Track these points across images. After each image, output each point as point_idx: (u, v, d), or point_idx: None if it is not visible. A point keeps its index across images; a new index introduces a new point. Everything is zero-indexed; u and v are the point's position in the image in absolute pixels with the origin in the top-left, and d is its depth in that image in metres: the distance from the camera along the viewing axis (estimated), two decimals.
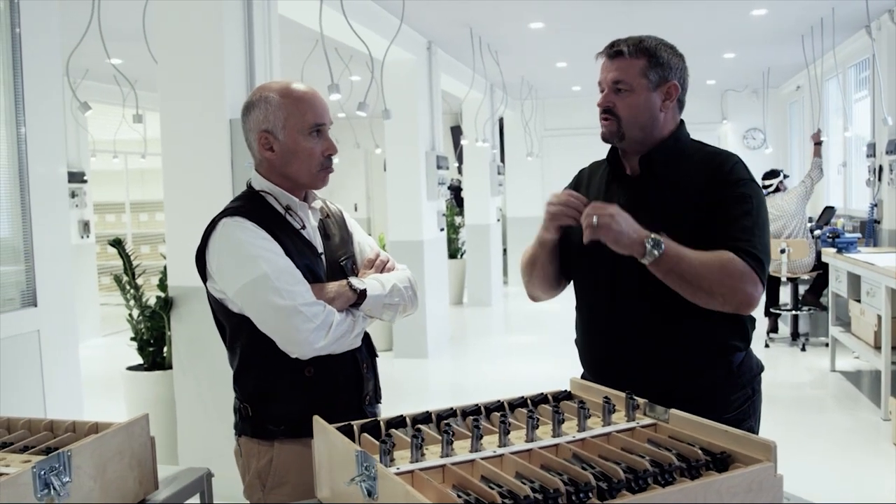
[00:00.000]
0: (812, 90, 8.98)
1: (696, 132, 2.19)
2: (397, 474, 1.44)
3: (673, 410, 1.73)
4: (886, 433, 4.98)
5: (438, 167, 8.03)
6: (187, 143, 4.11)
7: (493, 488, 1.41)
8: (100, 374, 6.67)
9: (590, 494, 1.39)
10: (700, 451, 1.54)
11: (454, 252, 11.42)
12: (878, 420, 5.30)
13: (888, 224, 7.09)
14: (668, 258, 1.91)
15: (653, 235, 1.92)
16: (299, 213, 2.06)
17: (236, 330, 2.01)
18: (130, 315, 4.66)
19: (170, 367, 4.44)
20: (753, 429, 2.04)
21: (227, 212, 2.00)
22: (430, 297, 7.74)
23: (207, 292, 2.05)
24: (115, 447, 1.71)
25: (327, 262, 2.10)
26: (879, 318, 5.43)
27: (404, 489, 1.34)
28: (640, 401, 1.80)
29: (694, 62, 2.15)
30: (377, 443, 1.67)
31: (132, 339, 4.66)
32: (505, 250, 12.95)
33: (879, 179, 7.20)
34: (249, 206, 2.02)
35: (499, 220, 11.74)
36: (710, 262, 1.93)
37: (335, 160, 2.12)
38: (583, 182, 2.33)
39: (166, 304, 4.16)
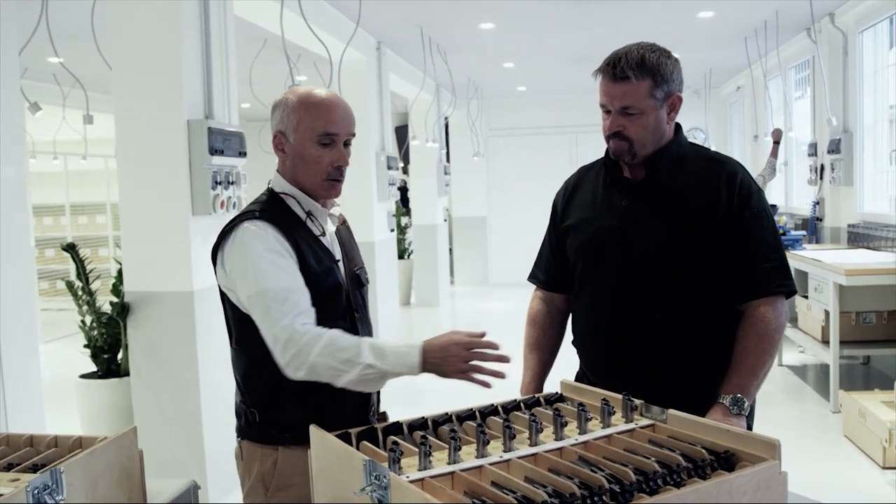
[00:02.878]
0: (756, 90, 9.18)
1: None
2: (409, 482, 1.42)
3: (671, 411, 1.74)
4: (836, 425, 5.11)
5: (389, 168, 8.00)
6: (143, 145, 4.00)
7: (506, 494, 1.40)
8: (45, 382, 6.47)
9: (604, 497, 1.39)
10: (704, 451, 1.55)
11: (401, 252, 11.40)
12: (828, 413, 5.43)
13: (830, 221, 7.29)
14: (752, 393, 2.01)
15: (729, 400, 1.98)
16: (319, 219, 2.05)
17: (245, 332, 1.94)
18: (83, 321, 4.53)
19: (125, 375, 4.34)
20: (751, 427, 2.07)
21: (250, 214, 1.97)
22: (381, 298, 7.71)
23: (220, 289, 2.02)
24: (106, 462, 1.66)
25: (345, 270, 2.09)
26: (827, 313, 5.57)
27: (422, 497, 1.32)
28: (637, 402, 1.81)
29: None
30: (378, 450, 1.66)
31: (85, 346, 4.52)
32: (451, 250, 12.96)
33: (821, 178, 7.39)
34: (272, 210, 1.99)
35: (445, 221, 11.74)
36: (761, 348, 2.03)
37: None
38: (569, 191, 2.35)
39: (123, 309, 4.05)
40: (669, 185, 2.13)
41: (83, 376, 4.53)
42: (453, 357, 1.73)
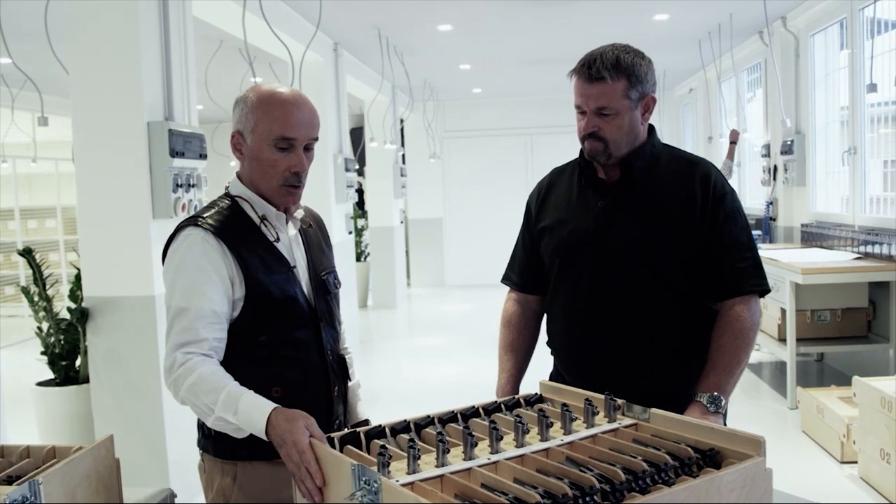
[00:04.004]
0: (710, 92, 9.31)
1: None
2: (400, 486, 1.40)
3: (653, 409, 1.75)
4: (794, 421, 5.21)
5: (346, 170, 7.96)
6: (102, 148, 3.92)
7: (498, 496, 1.39)
8: None
9: (595, 497, 1.39)
10: (690, 449, 1.56)
11: (358, 255, 11.36)
12: (785, 409, 5.53)
13: (783, 221, 7.42)
14: (729, 391, 2.04)
15: (706, 398, 2.01)
16: (275, 224, 1.97)
17: None
18: (39, 328, 4.42)
19: (84, 382, 4.24)
20: (726, 425, 2.09)
21: (197, 221, 1.89)
22: (340, 300, 7.65)
23: None
24: (83, 472, 1.62)
25: (310, 276, 2.02)
26: (783, 311, 5.67)
27: (415, 500, 1.31)
28: (620, 401, 1.81)
29: None
30: (364, 455, 1.64)
31: (42, 353, 4.41)
32: (407, 252, 12.94)
33: (774, 178, 7.52)
34: (222, 216, 1.92)
35: (402, 222, 11.72)
36: (737, 346, 2.05)
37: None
38: (542, 193, 2.35)
39: (82, 315, 3.96)
40: (644, 186, 2.15)
41: (40, 384, 4.42)
42: (287, 452, 1.60)
